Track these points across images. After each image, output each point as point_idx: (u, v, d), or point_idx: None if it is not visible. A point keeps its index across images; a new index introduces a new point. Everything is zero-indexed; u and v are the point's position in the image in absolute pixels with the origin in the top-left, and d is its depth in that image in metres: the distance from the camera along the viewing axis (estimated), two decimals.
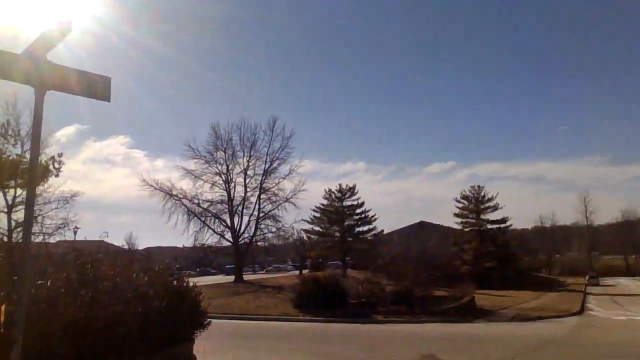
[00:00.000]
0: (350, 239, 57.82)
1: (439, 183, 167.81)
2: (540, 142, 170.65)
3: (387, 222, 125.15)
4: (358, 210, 57.56)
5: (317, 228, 58.45)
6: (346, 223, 57.46)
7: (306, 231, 57.61)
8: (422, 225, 65.15)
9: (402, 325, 22.36)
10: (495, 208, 61.75)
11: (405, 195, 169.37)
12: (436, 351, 14.23)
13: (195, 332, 9.34)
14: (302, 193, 48.97)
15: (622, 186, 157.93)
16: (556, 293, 50.62)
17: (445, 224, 68.23)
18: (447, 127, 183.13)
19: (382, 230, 58.02)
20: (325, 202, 57.97)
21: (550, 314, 26.85)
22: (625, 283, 74.38)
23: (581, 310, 30.46)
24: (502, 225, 62.64)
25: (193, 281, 10.03)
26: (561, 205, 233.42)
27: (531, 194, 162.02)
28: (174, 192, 46.39)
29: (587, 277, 72.93)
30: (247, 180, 48.38)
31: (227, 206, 47.80)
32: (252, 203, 48.64)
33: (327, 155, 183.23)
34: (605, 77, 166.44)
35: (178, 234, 47.21)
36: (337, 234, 57.91)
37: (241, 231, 48.31)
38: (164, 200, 46.07)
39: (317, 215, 57.96)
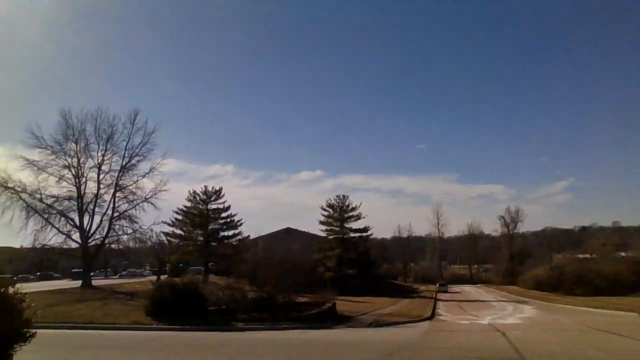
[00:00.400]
0: (214, 243, 56.29)
1: (306, 191, 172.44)
2: (401, 158, 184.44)
3: (253, 227, 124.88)
4: (224, 214, 56.32)
5: (178, 231, 56.01)
6: (210, 227, 55.86)
7: (167, 234, 54.85)
8: (288, 231, 65.58)
9: (263, 332, 21.91)
10: (358, 217, 64.39)
11: (273, 201, 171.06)
12: (296, 358, 14.01)
13: (15, 346, 7.91)
14: (164, 194, 46.22)
15: (468, 203, 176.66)
16: (410, 299, 54.02)
17: (312, 231, 69.72)
18: (317, 137, 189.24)
19: (249, 236, 57.37)
20: (189, 204, 55.81)
21: (405, 320, 28.34)
22: (469, 290, 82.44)
23: (432, 316, 32.71)
24: (364, 234, 65.55)
25: (18, 286, 8.56)
26: (417, 218, 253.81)
27: (391, 206, 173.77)
28: (10, 184, 40.90)
29: (437, 285, 79.21)
30: (101, 176, 44.29)
31: (76, 203, 43.35)
32: (105, 201, 44.71)
33: (195, 155, 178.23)
34: (458, 101, 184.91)
35: (14, 233, 41.29)
36: (201, 238, 56.06)
37: (91, 231, 44.17)
38: None
39: (180, 217, 55.56)
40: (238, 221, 56.46)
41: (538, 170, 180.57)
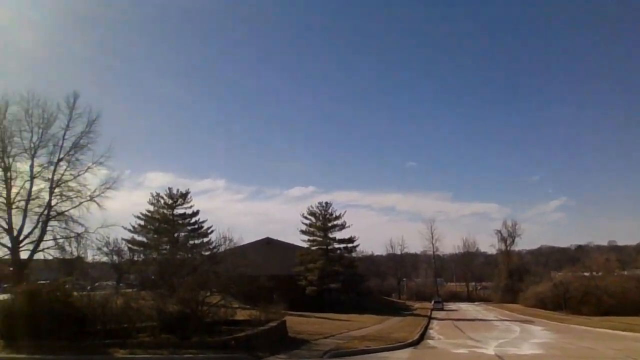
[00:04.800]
0: (181, 253, 47.46)
1: (299, 207, 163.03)
2: (392, 176, 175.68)
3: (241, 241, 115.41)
4: (192, 220, 47.69)
5: (141, 238, 47.24)
6: (177, 234, 47.15)
7: (128, 241, 45.99)
8: (268, 241, 56.72)
9: None
10: (342, 227, 55.44)
11: (265, 218, 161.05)
12: None
13: None
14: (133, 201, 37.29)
15: (461, 221, 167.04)
16: (401, 317, 45.47)
17: (296, 243, 60.74)
18: (310, 154, 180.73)
19: (220, 244, 48.43)
20: (151, 208, 47.24)
21: (380, 346, 19.35)
22: (466, 308, 73.42)
23: (420, 339, 23.62)
24: (350, 245, 56.35)
25: None
26: (410, 234, 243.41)
27: (384, 223, 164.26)
28: None
29: (432, 302, 70.69)
30: (34, 169, 35.22)
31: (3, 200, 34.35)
32: (39, 198, 35.55)
33: (184, 169, 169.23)
34: (450, 120, 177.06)
35: None
36: (166, 247, 47.28)
37: (23, 234, 34.96)
38: None
39: (142, 223, 46.87)
40: (208, 228, 47.78)
41: (530, 189, 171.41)
